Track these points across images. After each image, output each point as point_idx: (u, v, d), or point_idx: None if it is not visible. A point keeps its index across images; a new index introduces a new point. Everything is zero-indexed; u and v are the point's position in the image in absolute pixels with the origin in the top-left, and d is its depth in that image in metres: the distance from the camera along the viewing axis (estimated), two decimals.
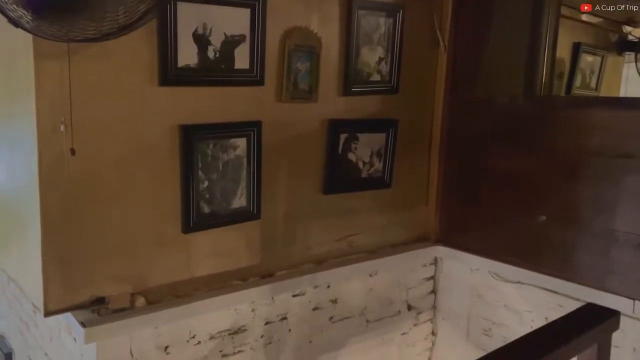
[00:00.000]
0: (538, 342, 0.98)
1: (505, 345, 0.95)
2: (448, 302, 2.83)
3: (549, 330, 1.03)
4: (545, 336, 1.01)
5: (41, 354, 2.47)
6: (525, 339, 0.97)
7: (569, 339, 0.99)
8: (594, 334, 1.02)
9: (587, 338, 1.02)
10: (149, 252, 1.90)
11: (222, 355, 2.13)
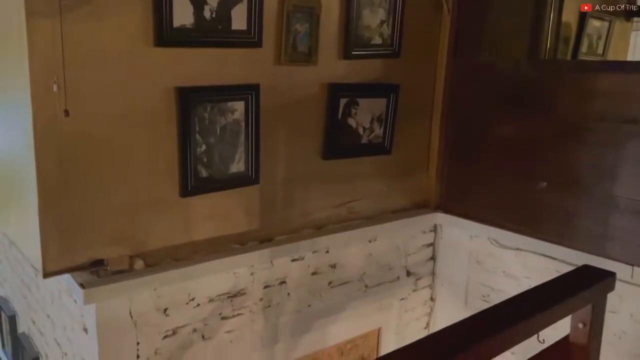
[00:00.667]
0: (531, 301, 0.98)
1: (499, 303, 0.94)
2: (447, 269, 2.84)
3: (543, 290, 1.03)
4: (539, 295, 1.00)
5: (43, 315, 2.51)
6: (519, 298, 0.97)
7: (563, 298, 0.98)
8: (588, 294, 1.02)
9: (582, 298, 1.01)
10: (147, 215, 1.90)
11: (221, 318, 2.15)
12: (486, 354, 0.88)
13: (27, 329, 2.86)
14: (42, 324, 2.57)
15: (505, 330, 0.89)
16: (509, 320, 0.91)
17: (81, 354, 2.07)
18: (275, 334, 2.33)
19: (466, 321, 0.93)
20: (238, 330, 2.19)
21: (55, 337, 2.38)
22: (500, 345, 0.90)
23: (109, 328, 1.85)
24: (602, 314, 1.08)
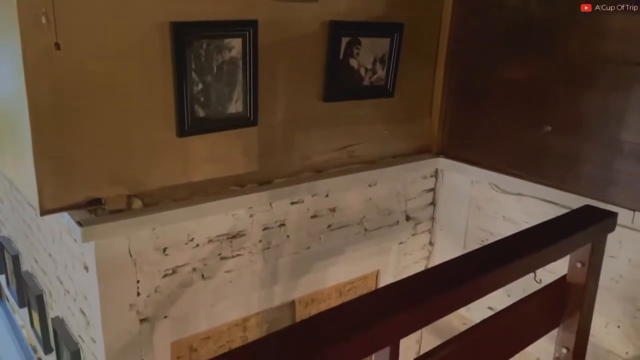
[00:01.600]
0: (530, 239, 0.96)
1: (497, 240, 0.93)
2: (447, 214, 2.84)
3: (543, 228, 1.01)
4: (539, 233, 0.99)
5: (45, 254, 2.54)
6: (518, 235, 0.95)
7: (563, 237, 0.97)
8: (588, 233, 1.00)
9: (581, 237, 1.00)
10: (144, 154, 1.87)
11: (220, 258, 2.16)
12: (481, 290, 0.87)
13: (30, 267, 2.90)
14: (44, 263, 2.60)
15: (501, 267, 0.88)
16: (506, 257, 0.89)
17: (83, 291, 2.10)
18: (274, 274, 2.35)
19: (462, 257, 0.92)
20: (237, 271, 2.21)
21: (57, 275, 2.41)
22: (497, 282, 0.89)
23: (108, 266, 1.86)
24: (602, 254, 1.06)
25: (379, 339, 0.73)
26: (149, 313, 1.99)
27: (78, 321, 2.24)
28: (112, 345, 1.93)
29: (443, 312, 0.83)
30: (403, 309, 0.74)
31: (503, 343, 1.07)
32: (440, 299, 0.79)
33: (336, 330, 0.69)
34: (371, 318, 0.72)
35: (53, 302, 2.59)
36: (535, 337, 1.09)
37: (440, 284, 0.82)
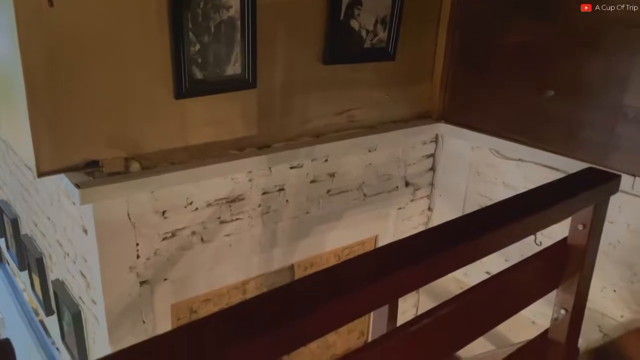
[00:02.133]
0: (533, 200, 0.95)
1: (499, 201, 0.92)
2: (446, 179, 2.83)
3: (546, 189, 1.00)
4: (541, 194, 0.98)
5: (44, 218, 2.53)
6: (520, 196, 0.94)
7: (566, 198, 0.96)
8: (591, 194, 0.99)
9: (584, 198, 0.99)
10: (141, 116, 1.85)
11: (220, 222, 2.16)
12: (482, 249, 0.86)
13: (29, 231, 2.91)
14: (43, 226, 2.60)
15: (503, 227, 0.87)
16: (507, 218, 0.88)
17: (82, 253, 2.10)
18: (273, 238, 2.36)
19: (463, 217, 0.91)
20: (237, 234, 2.22)
21: (56, 238, 2.42)
22: (498, 242, 0.88)
23: (107, 229, 1.86)
24: (603, 216, 1.06)
25: (378, 296, 0.72)
26: (149, 275, 2.00)
27: (78, 283, 2.25)
28: (113, 306, 1.95)
29: (442, 272, 0.83)
30: (402, 267, 0.74)
31: (501, 304, 1.07)
32: (439, 258, 0.79)
33: (334, 287, 0.69)
34: (370, 275, 0.72)
35: (53, 265, 2.60)
36: (534, 299, 1.09)
37: (440, 243, 0.81)
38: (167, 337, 0.54)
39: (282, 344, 0.61)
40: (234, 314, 0.61)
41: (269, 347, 0.59)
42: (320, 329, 0.67)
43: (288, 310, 0.63)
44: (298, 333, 0.63)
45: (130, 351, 0.51)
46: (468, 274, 2.51)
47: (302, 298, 0.66)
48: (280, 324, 0.60)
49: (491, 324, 1.05)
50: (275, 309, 0.63)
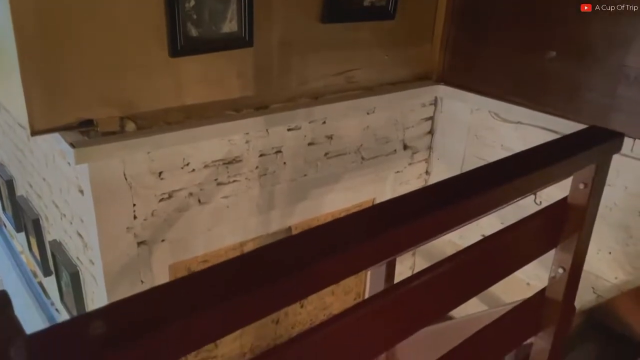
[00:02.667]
0: (534, 157, 0.94)
1: (499, 159, 0.91)
2: (444, 143, 2.81)
3: (547, 147, 0.99)
4: (541, 153, 0.96)
5: (39, 179, 2.52)
6: (521, 154, 0.93)
7: (567, 156, 0.94)
8: (594, 153, 0.98)
9: (586, 156, 0.97)
10: (136, 74, 1.81)
11: (217, 184, 2.15)
12: (482, 206, 0.86)
13: (25, 192, 2.89)
14: (39, 187, 2.59)
15: (503, 184, 0.85)
16: (507, 175, 0.87)
17: (79, 214, 2.10)
18: (270, 200, 2.35)
19: (462, 175, 0.90)
20: (234, 196, 2.21)
21: (52, 200, 2.40)
22: (498, 199, 0.88)
23: (103, 189, 1.85)
24: (605, 175, 1.05)
25: (374, 252, 0.71)
26: (147, 236, 2.00)
27: (76, 244, 2.25)
28: (111, 266, 1.95)
29: (440, 229, 0.82)
30: (399, 223, 0.72)
31: (499, 263, 1.07)
32: (437, 215, 0.78)
33: (331, 243, 0.67)
34: (367, 232, 0.71)
35: (49, 226, 2.60)
36: (532, 257, 1.09)
37: (438, 200, 0.80)
38: (164, 289, 0.54)
39: (278, 297, 0.61)
40: (231, 267, 0.60)
41: (265, 300, 0.58)
42: (317, 284, 0.66)
43: (285, 264, 0.62)
44: (295, 287, 0.62)
45: (129, 300, 0.50)
46: (464, 237, 2.52)
47: (299, 252, 0.65)
48: (277, 277, 0.60)
49: (488, 283, 1.05)
50: (272, 262, 0.63)
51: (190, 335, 0.51)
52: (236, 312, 0.56)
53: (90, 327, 0.46)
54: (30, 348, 0.43)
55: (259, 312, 0.59)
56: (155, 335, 0.48)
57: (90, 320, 0.47)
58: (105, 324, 0.47)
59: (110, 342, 0.45)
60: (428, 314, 0.94)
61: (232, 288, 0.57)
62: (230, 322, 0.55)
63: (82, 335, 0.45)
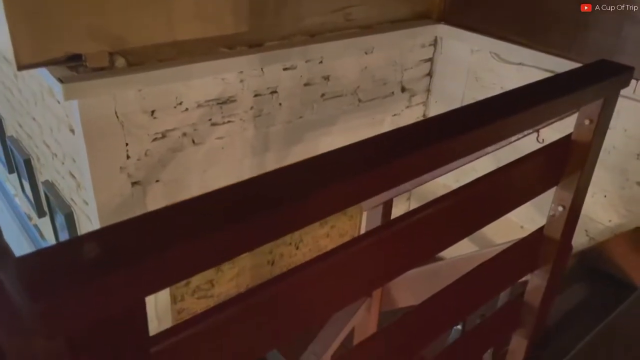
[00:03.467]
0: (539, 90, 0.90)
1: (505, 91, 0.87)
2: (443, 85, 2.76)
3: (553, 80, 0.96)
4: (548, 85, 0.93)
5: (29, 118, 2.46)
6: (525, 87, 0.89)
7: (574, 89, 0.91)
8: (602, 87, 0.94)
9: (594, 91, 0.94)
10: (124, 7, 1.72)
11: (211, 124, 2.11)
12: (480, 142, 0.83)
13: (14, 132, 2.84)
14: (29, 127, 2.53)
15: (503, 118, 0.82)
16: (509, 108, 0.84)
17: (71, 154, 2.06)
18: (266, 142, 2.32)
19: (463, 108, 0.87)
20: (229, 137, 2.17)
21: (43, 139, 2.36)
22: (496, 135, 0.85)
23: (95, 128, 1.80)
24: (612, 111, 1.02)
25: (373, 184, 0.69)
26: (140, 176, 1.98)
27: (69, 184, 2.23)
28: (105, 207, 1.94)
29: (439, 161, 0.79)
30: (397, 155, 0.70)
31: (499, 200, 1.06)
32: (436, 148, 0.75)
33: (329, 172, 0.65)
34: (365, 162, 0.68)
35: (41, 167, 2.56)
36: (532, 195, 1.08)
37: (438, 132, 0.77)
38: (161, 214, 0.51)
39: (275, 227, 0.59)
40: (228, 194, 0.58)
41: (261, 228, 0.57)
42: (314, 213, 0.64)
43: (281, 194, 0.60)
44: (291, 217, 0.60)
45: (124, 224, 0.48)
46: (460, 181, 2.51)
47: (295, 182, 0.63)
48: (273, 206, 0.58)
49: (487, 220, 1.04)
50: (270, 190, 0.60)
51: (186, 261, 0.49)
52: (232, 240, 0.54)
53: (83, 249, 0.44)
54: (19, 269, 0.41)
55: (255, 240, 0.57)
56: (150, 260, 0.46)
57: (83, 243, 0.45)
58: (99, 247, 0.45)
59: (104, 265, 0.43)
60: (424, 251, 0.93)
61: (229, 215, 0.54)
62: (226, 249, 0.54)
63: (74, 258, 0.43)
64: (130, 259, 0.45)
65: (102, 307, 0.42)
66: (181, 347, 0.59)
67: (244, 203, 0.57)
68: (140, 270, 0.45)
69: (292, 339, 0.74)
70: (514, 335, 1.27)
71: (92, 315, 0.42)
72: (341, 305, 0.79)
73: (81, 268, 0.42)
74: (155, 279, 0.46)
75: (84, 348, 0.44)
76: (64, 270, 0.42)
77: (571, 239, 1.17)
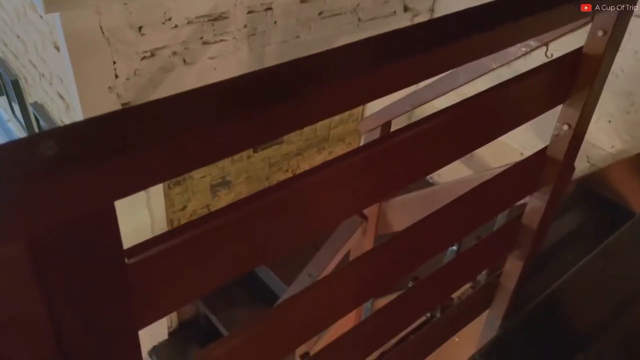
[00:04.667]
0: None
1: None
2: (447, 4, 2.62)
3: None
4: None
5: (13, 36, 2.36)
6: None
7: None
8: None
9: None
10: None
11: (202, 43, 2.01)
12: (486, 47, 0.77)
13: (1, 52, 2.73)
14: (14, 46, 2.43)
15: (514, 21, 0.76)
16: (518, 11, 0.77)
17: (57, 74, 1.98)
18: (260, 63, 2.23)
19: (467, 11, 0.79)
20: (222, 57, 2.08)
21: (29, 58, 2.27)
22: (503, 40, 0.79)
23: (80, 44, 1.71)
24: (627, 22, 0.95)
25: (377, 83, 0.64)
26: (130, 97, 1.91)
27: (58, 105, 2.16)
28: None
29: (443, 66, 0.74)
30: (401, 56, 0.64)
31: (501, 116, 1.01)
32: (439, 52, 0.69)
33: (331, 69, 0.60)
34: (369, 61, 0.63)
35: (29, 88, 2.48)
36: (537, 113, 1.02)
37: (442, 34, 0.71)
38: (138, 109, 0.46)
39: (274, 124, 0.54)
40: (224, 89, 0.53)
41: (260, 124, 0.52)
42: (315, 113, 0.59)
43: (283, 89, 0.55)
44: (290, 114, 0.56)
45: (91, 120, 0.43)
46: None
47: (296, 78, 0.58)
48: (275, 102, 0.53)
49: (489, 137, 0.99)
50: (270, 85, 0.55)
51: (165, 162, 0.45)
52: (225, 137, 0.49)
53: (40, 146, 0.40)
54: None
55: (251, 138, 0.53)
56: (120, 160, 0.41)
57: (41, 139, 0.41)
58: (58, 145, 0.40)
59: (64, 163, 0.39)
60: (422, 167, 0.89)
61: (225, 111, 0.50)
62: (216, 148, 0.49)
63: (32, 154, 0.39)
64: (95, 155, 0.40)
65: (63, 207, 0.38)
66: (162, 258, 0.56)
67: (243, 97, 0.52)
68: (105, 170, 0.40)
69: (282, 254, 0.71)
70: (510, 257, 1.26)
71: (52, 215, 0.38)
72: (334, 221, 0.76)
73: (39, 163, 0.38)
74: (122, 180, 0.42)
75: (48, 255, 0.41)
76: (20, 167, 0.37)
77: (574, 159, 1.13)
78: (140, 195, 2.17)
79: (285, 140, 2.84)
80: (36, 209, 0.37)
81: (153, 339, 2.83)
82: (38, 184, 0.37)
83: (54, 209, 0.38)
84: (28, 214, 0.37)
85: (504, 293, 1.31)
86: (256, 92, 0.53)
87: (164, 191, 2.36)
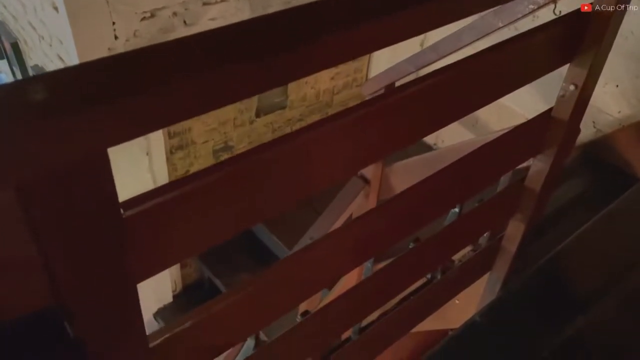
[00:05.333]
0: None
1: None
2: None
3: None
4: None
5: None
6: None
7: None
8: None
9: None
10: None
11: (203, 4, 1.97)
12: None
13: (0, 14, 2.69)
14: (13, 8, 2.39)
15: None
16: None
17: (57, 35, 1.95)
18: None
19: None
20: (222, 19, 2.04)
21: (28, 20, 2.23)
22: None
23: (78, 5, 1.68)
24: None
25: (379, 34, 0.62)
26: None
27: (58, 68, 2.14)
28: None
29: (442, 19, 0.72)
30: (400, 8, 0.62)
31: (506, 75, 0.98)
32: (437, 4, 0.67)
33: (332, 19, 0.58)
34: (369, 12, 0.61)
35: (30, 50, 2.45)
36: (543, 72, 1.00)
37: None
38: (131, 54, 0.45)
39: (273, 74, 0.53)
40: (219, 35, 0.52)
41: (258, 73, 0.51)
42: (314, 63, 0.58)
43: (280, 37, 0.54)
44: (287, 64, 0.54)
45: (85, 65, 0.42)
46: None
47: (294, 26, 0.57)
48: (273, 52, 0.52)
49: (493, 96, 0.97)
50: (267, 33, 0.54)
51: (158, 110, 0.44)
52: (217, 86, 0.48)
53: (28, 90, 0.39)
54: None
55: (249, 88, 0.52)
56: (111, 105, 0.40)
57: (30, 84, 0.39)
58: (47, 89, 0.39)
59: (53, 107, 0.38)
60: (425, 125, 0.88)
61: (222, 58, 0.48)
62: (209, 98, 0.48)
63: (18, 99, 0.38)
64: (85, 100, 0.39)
65: (53, 153, 0.38)
66: (159, 211, 0.55)
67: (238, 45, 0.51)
68: (95, 114, 0.39)
69: (281, 211, 0.70)
70: (512, 220, 1.25)
71: (42, 161, 0.37)
72: (335, 178, 0.75)
73: (28, 107, 0.37)
74: (114, 126, 0.41)
75: (40, 202, 0.40)
76: (7, 111, 0.36)
77: (580, 121, 1.11)
78: (143, 159, 2.16)
79: (287, 106, 2.82)
80: (25, 153, 0.36)
81: (158, 301, 2.87)
82: (26, 128, 0.36)
83: (43, 154, 0.37)
84: (17, 159, 0.36)
85: (505, 256, 1.31)
86: (256, 35, 0.52)
87: (167, 156, 2.35)
